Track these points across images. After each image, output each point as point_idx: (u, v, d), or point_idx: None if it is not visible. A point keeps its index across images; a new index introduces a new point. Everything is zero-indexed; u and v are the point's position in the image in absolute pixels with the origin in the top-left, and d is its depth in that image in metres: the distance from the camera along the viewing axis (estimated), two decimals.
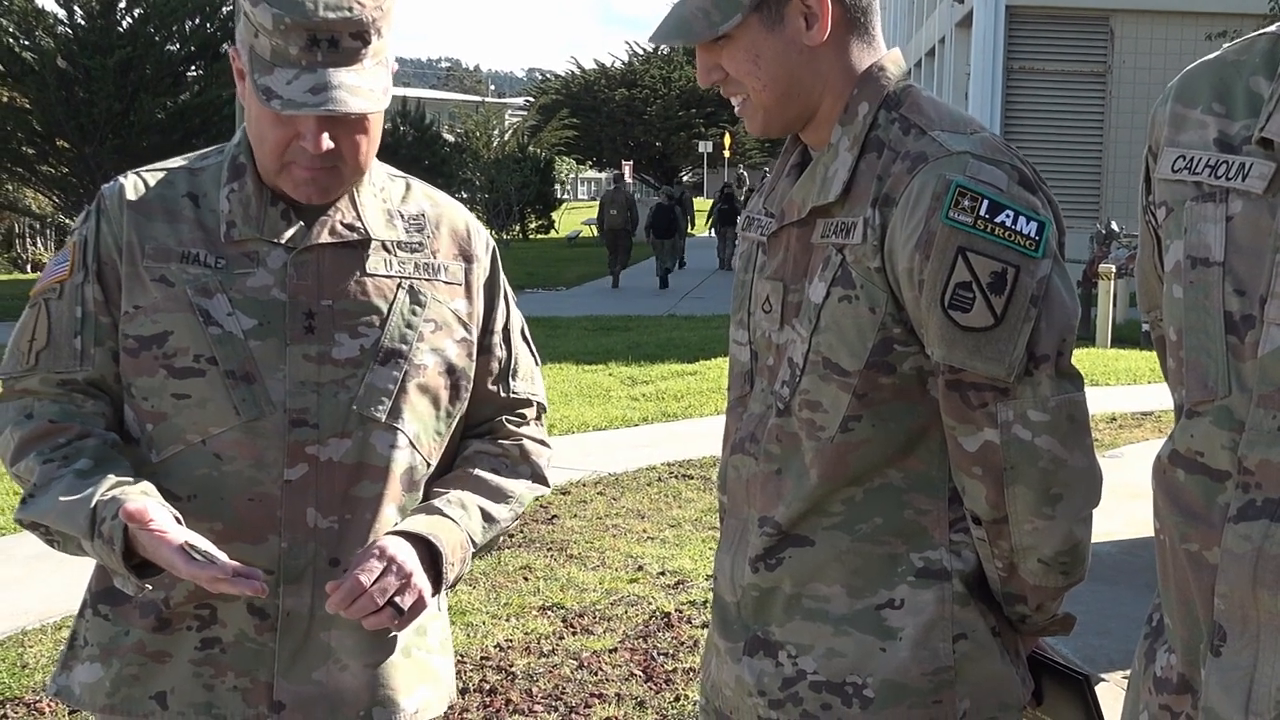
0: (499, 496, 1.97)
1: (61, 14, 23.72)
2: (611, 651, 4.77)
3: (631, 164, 42.91)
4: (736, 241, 2.01)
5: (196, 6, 24.47)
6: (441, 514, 1.89)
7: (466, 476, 1.98)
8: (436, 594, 1.85)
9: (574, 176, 60.31)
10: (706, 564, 5.76)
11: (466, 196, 33.80)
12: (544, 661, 4.68)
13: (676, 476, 7.72)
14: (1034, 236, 1.57)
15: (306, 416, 1.84)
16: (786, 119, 1.74)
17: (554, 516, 6.75)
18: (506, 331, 2.05)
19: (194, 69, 25.25)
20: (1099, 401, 9.17)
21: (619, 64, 50.93)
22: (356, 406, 1.86)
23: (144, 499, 1.71)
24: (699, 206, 39.49)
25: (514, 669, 4.60)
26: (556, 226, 40.39)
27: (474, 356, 2.00)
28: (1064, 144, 20.76)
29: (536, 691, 4.41)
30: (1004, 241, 1.56)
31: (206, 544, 1.68)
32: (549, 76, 54.82)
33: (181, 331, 1.84)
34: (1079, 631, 1.81)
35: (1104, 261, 14.93)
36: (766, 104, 1.71)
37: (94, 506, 1.72)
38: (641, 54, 50.40)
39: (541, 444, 2.08)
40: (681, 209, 24.74)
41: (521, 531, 6.36)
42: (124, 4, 24.12)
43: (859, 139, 1.68)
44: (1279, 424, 1.23)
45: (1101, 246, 15.77)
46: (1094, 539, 1.68)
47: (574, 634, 4.97)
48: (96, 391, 1.88)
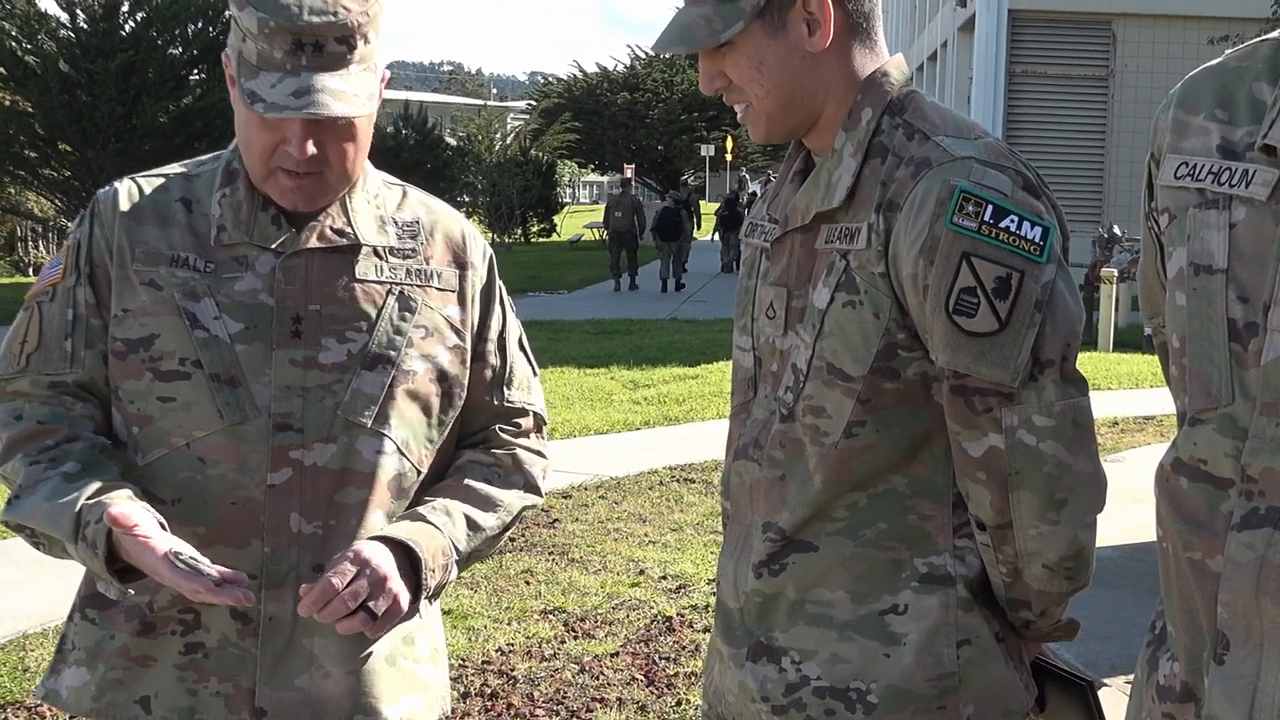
0: (487, 505, 1.95)
1: (64, 17, 23.71)
2: (613, 656, 4.77)
3: (634, 167, 42.92)
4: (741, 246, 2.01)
5: (199, 10, 24.46)
6: (425, 520, 1.87)
7: (456, 485, 1.96)
8: (416, 601, 1.83)
9: (575, 180, 60.21)
10: (708, 568, 5.76)
11: (468, 200, 33.81)
12: (545, 666, 4.68)
13: (678, 480, 7.72)
14: (1038, 241, 1.57)
15: (291, 421, 1.84)
16: (790, 125, 1.73)
17: (555, 520, 6.75)
18: (502, 339, 2.03)
19: (196, 73, 25.23)
20: (1101, 406, 9.12)
21: (621, 67, 50.93)
22: (342, 411, 1.85)
23: (130, 503, 1.71)
24: (703, 210, 39.49)
25: (515, 673, 4.60)
26: (558, 230, 40.37)
27: (468, 364, 1.98)
28: (1066, 148, 20.78)
29: (538, 696, 4.41)
30: (1008, 246, 1.56)
31: (192, 551, 1.67)
32: (551, 80, 54.84)
33: (168, 335, 1.84)
34: (1081, 636, 1.81)
35: (1106, 265, 14.92)
36: (769, 110, 1.71)
37: (79, 510, 1.72)
38: (644, 57, 50.36)
39: (536, 454, 2.05)
40: (689, 212, 24.76)
41: (523, 535, 6.36)
42: (126, 8, 24.11)
43: (863, 144, 1.68)
44: None
45: (1104, 250, 15.75)
46: (1096, 544, 1.68)
47: (575, 638, 4.97)
48: (86, 394, 1.88)
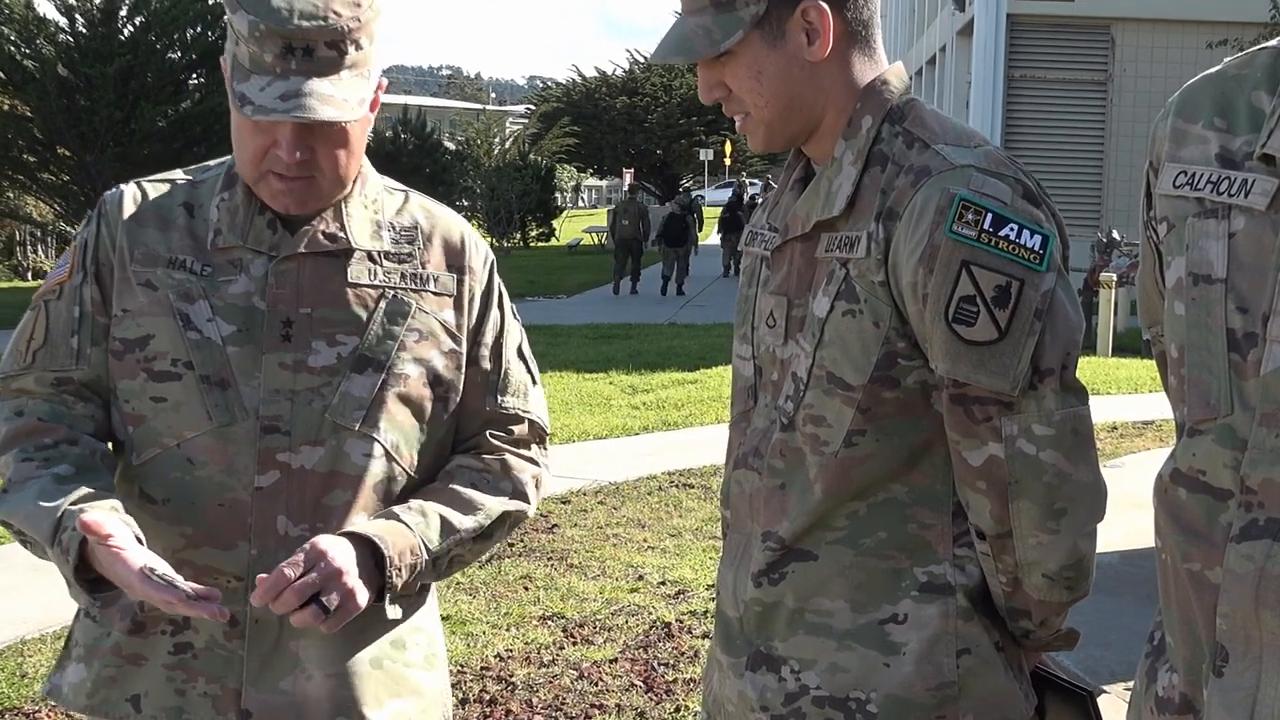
0: (466, 508, 1.92)
1: (63, 22, 23.71)
2: (612, 662, 4.76)
3: (633, 171, 42.91)
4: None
5: (198, 15, 24.45)
6: (396, 519, 1.86)
7: (440, 489, 1.94)
8: (382, 599, 1.81)
9: (579, 184, 60.19)
10: (707, 574, 5.76)
11: (467, 204, 33.79)
12: (544, 672, 4.67)
13: (677, 485, 7.71)
14: (1038, 250, 1.57)
15: (279, 424, 1.84)
16: (789, 134, 1.74)
17: (554, 526, 6.74)
18: (498, 345, 2.02)
19: (195, 77, 25.22)
20: (1100, 411, 9.14)
21: (620, 72, 50.94)
22: (329, 415, 1.86)
23: (108, 514, 1.70)
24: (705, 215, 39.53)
25: (514, 679, 4.60)
26: (557, 234, 40.39)
27: (463, 368, 1.97)
28: (1065, 152, 20.77)
29: (536, 702, 4.40)
30: (1008, 255, 1.56)
31: (165, 567, 1.66)
32: (550, 84, 54.95)
33: (162, 336, 1.85)
34: (1080, 643, 1.80)
35: (1105, 270, 14.93)
36: (769, 120, 1.71)
37: (60, 514, 1.72)
38: (642, 62, 50.36)
39: (528, 461, 2.02)
40: (694, 217, 24.83)
41: (521, 541, 6.36)
42: (125, 12, 24.10)
43: (862, 153, 1.67)
44: None
45: (1102, 255, 15.76)
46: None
47: (574, 644, 4.97)
48: (89, 394, 1.89)
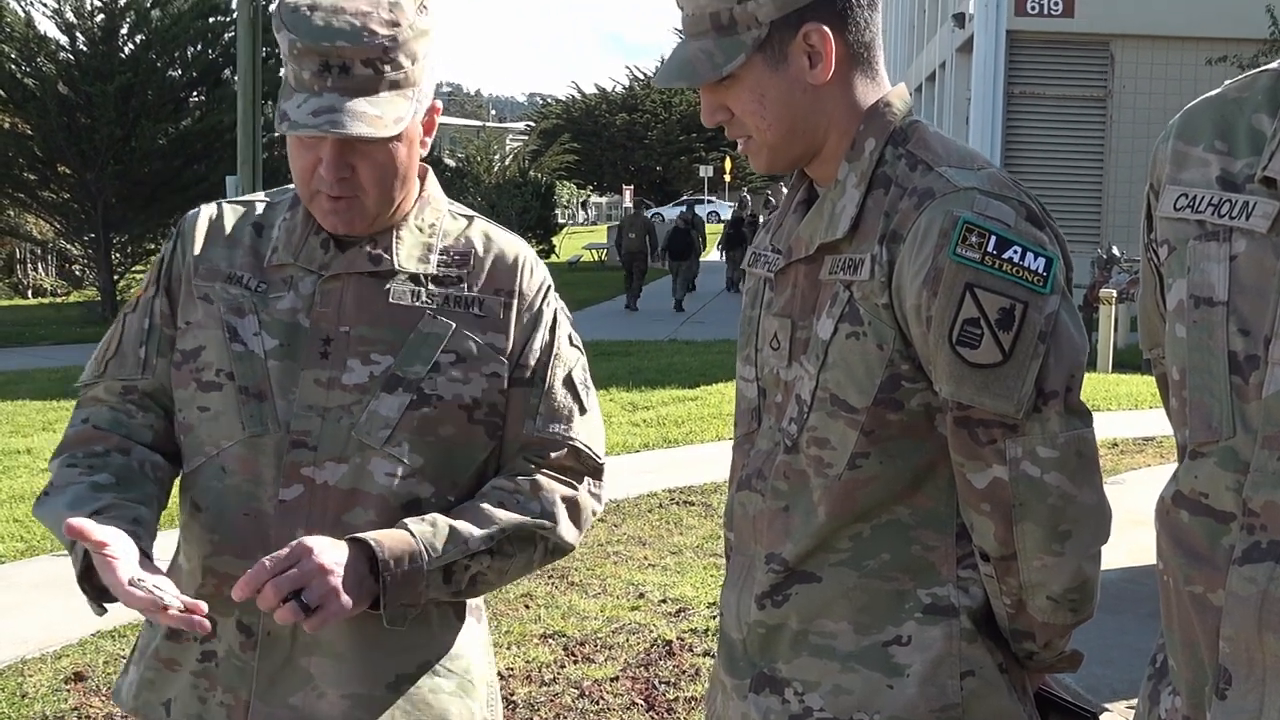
0: (481, 521, 1.87)
1: (63, 40, 23.76)
2: (613, 680, 4.75)
3: (632, 188, 42.94)
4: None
5: (198, 33, 24.51)
6: (403, 527, 1.83)
7: (465, 507, 1.91)
8: (377, 606, 1.78)
9: (577, 201, 60.13)
10: (708, 591, 5.75)
11: None
12: (545, 690, 4.66)
13: (678, 503, 7.69)
14: (1042, 272, 1.57)
15: (307, 439, 1.86)
16: (792, 157, 1.74)
17: None
18: (541, 369, 1.97)
19: (195, 95, 25.27)
20: (1100, 427, 9.01)
21: (620, 88, 51.09)
22: (355, 432, 1.86)
23: (106, 522, 1.70)
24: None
25: (515, 698, 4.59)
26: (557, 251, 40.40)
27: (505, 392, 1.95)
28: (1065, 168, 20.81)
29: None
30: (1012, 277, 1.56)
31: (156, 580, 1.66)
32: (550, 101, 55.03)
33: (211, 347, 1.90)
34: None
35: (1105, 286, 14.94)
36: (771, 142, 1.71)
37: None
38: (642, 78, 50.54)
39: (561, 483, 1.95)
40: (697, 232, 24.89)
41: None
42: (125, 30, 24.15)
43: (866, 175, 1.68)
44: None
45: (1102, 271, 15.78)
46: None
47: (575, 662, 4.95)
48: (151, 403, 1.94)
